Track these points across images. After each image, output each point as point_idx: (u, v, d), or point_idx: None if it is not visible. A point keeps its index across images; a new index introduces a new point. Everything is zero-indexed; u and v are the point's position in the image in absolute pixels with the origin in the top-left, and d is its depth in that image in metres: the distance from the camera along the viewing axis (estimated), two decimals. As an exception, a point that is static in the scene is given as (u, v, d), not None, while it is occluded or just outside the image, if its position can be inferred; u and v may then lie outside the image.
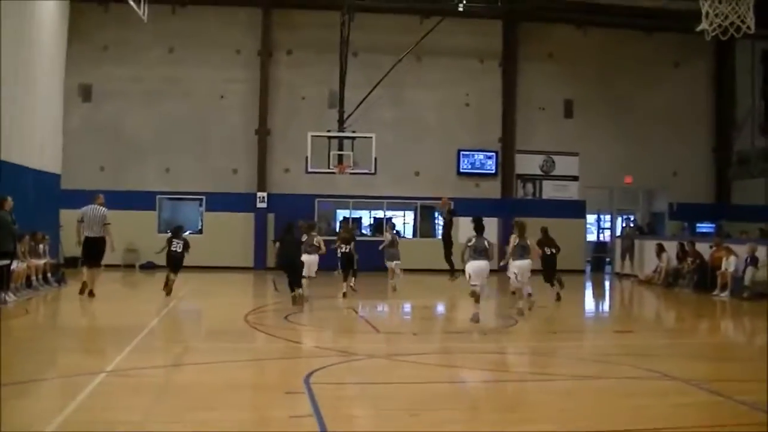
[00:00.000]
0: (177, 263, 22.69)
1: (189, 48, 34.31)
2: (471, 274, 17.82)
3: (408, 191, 35.32)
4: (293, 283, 20.66)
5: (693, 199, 36.89)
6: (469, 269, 17.85)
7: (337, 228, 34.52)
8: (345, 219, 35.62)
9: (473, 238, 18.02)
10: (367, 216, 37.05)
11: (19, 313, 18.13)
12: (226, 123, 34.40)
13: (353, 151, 28.84)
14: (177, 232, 23.56)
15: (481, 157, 35.87)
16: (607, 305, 27.06)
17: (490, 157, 35.88)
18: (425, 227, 36.40)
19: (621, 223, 38.71)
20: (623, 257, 33.57)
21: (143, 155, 33.94)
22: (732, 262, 25.25)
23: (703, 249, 27.60)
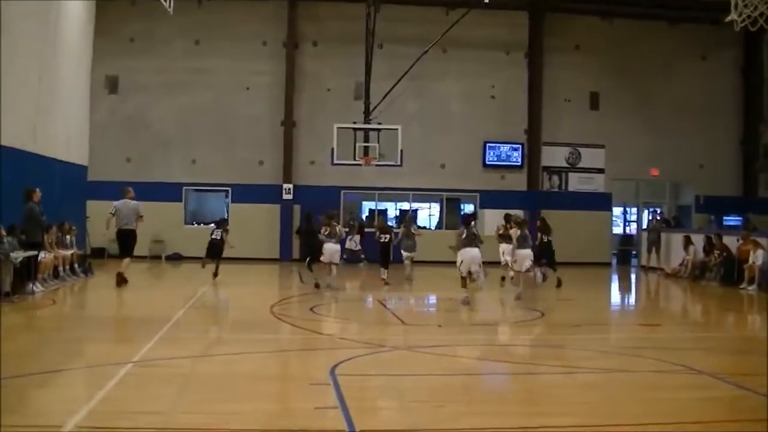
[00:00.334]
0: (216, 250, 24.65)
1: (214, 40, 34.37)
2: (464, 260, 19.42)
3: (434, 183, 35.32)
4: (312, 267, 23.08)
5: (720, 192, 36.67)
6: (463, 256, 19.47)
7: (363, 219, 34.85)
8: (372, 211, 35.58)
9: (466, 228, 19.81)
10: (393, 208, 36.98)
11: (47, 304, 18.24)
12: (251, 114, 34.47)
13: (379, 143, 28.78)
14: (220, 223, 25.97)
15: (507, 149, 35.79)
16: (633, 298, 26.91)
17: (516, 149, 35.80)
18: (451, 219, 36.34)
19: (647, 216, 38.48)
20: (649, 250, 33.28)
21: (169, 147, 34.09)
22: (759, 255, 25.02)
23: (730, 242, 27.38)
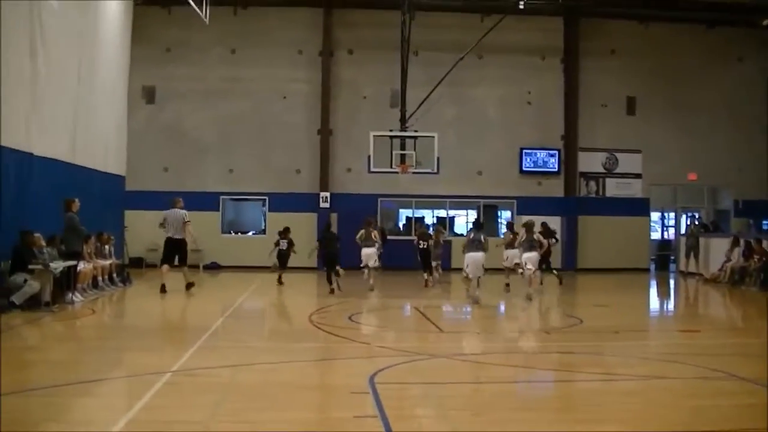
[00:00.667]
0: (284, 260, 27.09)
1: (251, 48, 34.53)
2: (469, 263, 21.21)
3: (470, 190, 35.24)
4: (331, 276, 23.84)
5: (759, 196, 36.22)
6: (468, 259, 21.24)
7: (401, 227, 34.92)
8: (409, 218, 35.54)
9: (472, 233, 21.91)
10: (430, 215, 36.89)
11: (86, 313, 18.35)
12: (288, 123, 34.55)
13: (415, 151, 28.76)
14: (284, 233, 27.57)
15: (544, 155, 35.66)
16: (672, 304, 26.71)
17: (552, 155, 35.66)
18: (488, 226, 36.20)
19: (685, 221, 38.20)
20: (688, 255, 32.95)
21: (206, 156, 34.24)
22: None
23: (771, 246, 27.20)
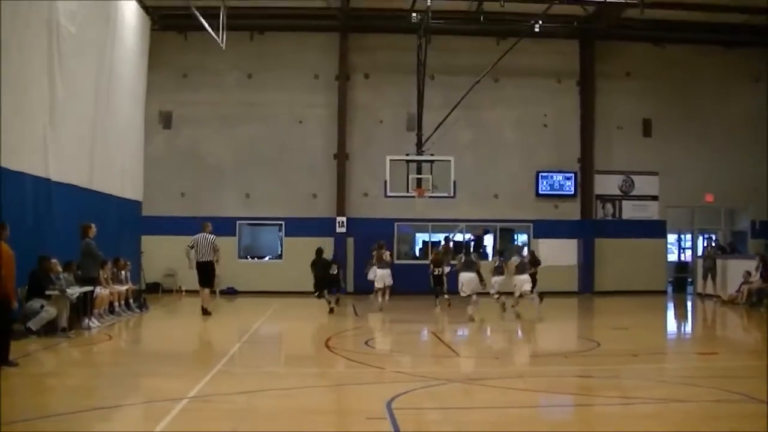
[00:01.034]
0: (335, 284, 26.56)
1: (267, 73, 34.57)
2: (463, 282, 23.37)
3: (487, 214, 35.11)
4: (322, 295, 25.21)
5: (776, 218, 36.09)
6: (462, 278, 23.47)
7: (417, 252, 34.80)
8: (425, 243, 35.40)
9: (464, 255, 24.97)
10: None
11: (103, 339, 18.35)
12: (305, 147, 34.54)
13: (432, 174, 28.73)
14: (336, 259, 27.29)
15: (560, 178, 35.52)
16: (689, 326, 26.56)
17: (569, 178, 35.52)
18: (505, 249, 36.14)
19: (702, 243, 38.02)
20: (705, 277, 32.79)
21: (223, 181, 34.23)
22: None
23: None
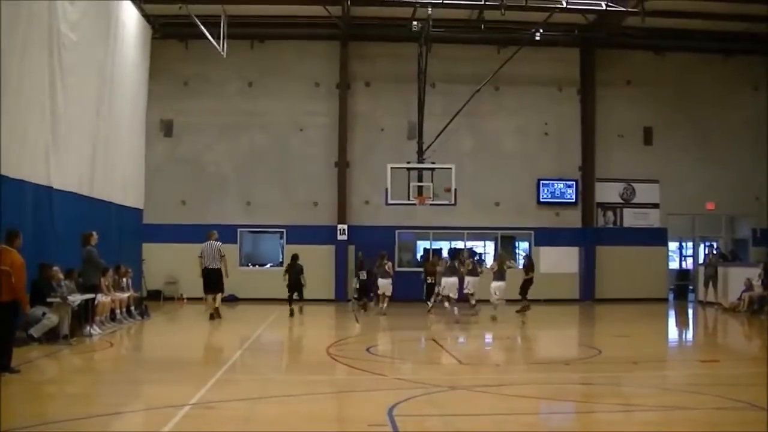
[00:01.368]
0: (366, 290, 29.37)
1: (268, 82, 34.61)
2: (445, 286, 26.32)
3: (488, 221, 35.10)
4: (293, 301, 26.61)
5: (777, 225, 36.09)
6: (444, 283, 26.43)
7: (418, 259, 34.76)
8: (426, 251, 35.34)
9: (447, 261, 27.71)
10: (447, 247, 36.68)
11: (104, 346, 18.34)
12: (305, 155, 34.55)
13: (433, 182, 28.76)
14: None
15: (561, 186, 35.52)
16: (691, 334, 26.55)
17: (570, 186, 35.52)
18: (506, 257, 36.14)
19: (703, 250, 37.98)
20: (706, 285, 32.74)
21: (224, 189, 34.25)
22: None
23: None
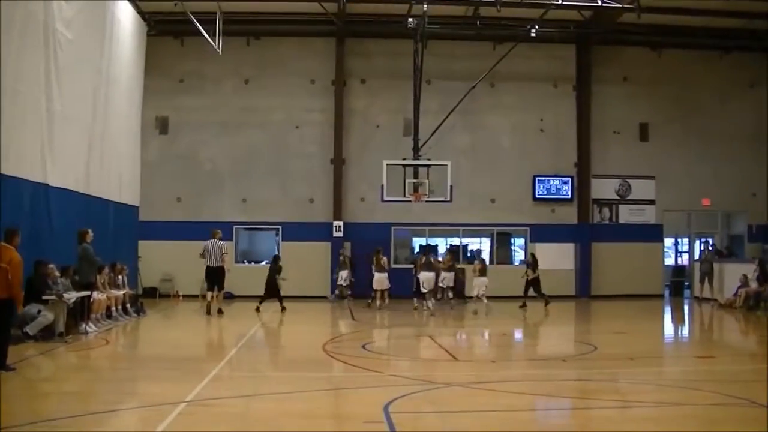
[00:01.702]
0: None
1: (264, 78, 34.61)
2: (423, 281, 27.06)
3: (484, 218, 35.12)
4: (263, 300, 27.15)
5: (773, 221, 36.12)
6: (421, 278, 27.12)
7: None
8: (422, 247, 35.30)
9: (424, 257, 28.16)
10: (444, 243, 36.70)
11: (100, 344, 18.34)
12: (301, 152, 34.54)
13: (429, 179, 28.79)
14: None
15: (557, 183, 35.53)
16: (687, 330, 26.57)
17: (565, 182, 35.53)
18: (502, 254, 36.17)
19: (699, 247, 37.99)
20: (702, 281, 32.75)
21: (219, 186, 34.24)
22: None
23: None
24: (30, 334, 17.28)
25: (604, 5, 29.98)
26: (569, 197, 35.59)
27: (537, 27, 30.72)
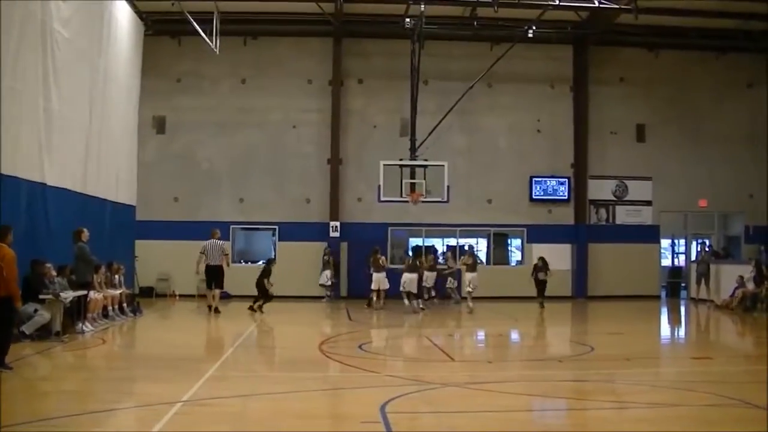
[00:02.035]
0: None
1: (261, 78, 34.60)
2: (405, 282, 27.56)
3: (481, 218, 35.12)
4: (257, 300, 26.90)
5: (770, 222, 36.11)
6: (403, 279, 27.64)
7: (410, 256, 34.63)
8: (418, 248, 35.27)
9: (409, 258, 29.28)
10: (440, 244, 36.72)
11: (96, 343, 18.32)
12: (298, 152, 34.53)
13: (425, 179, 28.77)
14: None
15: (554, 183, 35.54)
16: (684, 331, 26.59)
17: (562, 183, 35.55)
18: (498, 254, 36.18)
19: (696, 248, 37.99)
20: (699, 282, 32.75)
21: (217, 186, 34.23)
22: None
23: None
24: (27, 333, 17.27)
25: (601, 6, 29.97)
26: (566, 198, 35.60)
27: (534, 28, 30.72)
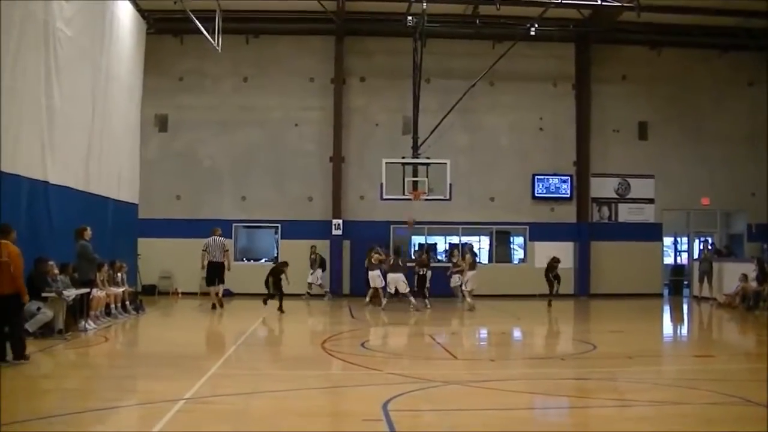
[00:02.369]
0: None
1: (263, 77, 34.59)
2: (390, 281, 27.46)
3: (483, 216, 35.09)
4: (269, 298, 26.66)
5: (773, 220, 36.07)
6: (389, 279, 27.50)
7: (413, 255, 34.55)
8: (422, 245, 35.27)
9: (394, 258, 28.25)
10: (443, 242, 36.75)
11: (99, 341, 18.34)
12: (300, 151, 34.52)
13: (428, 177, 28.82)
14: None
15: (556, 181, 35.51)
16: (686, 329, 26.56)
17: (564, 181, 35.51)
18: (501, 252, 36.16)
19: (698, 246, 37.97)
20: (701, 280, 32.75)
21: (219, 184, 34.23)
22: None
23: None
24: (29, 331, 17.24)
25: (603, 4, 29.94)
26: (568, 196, 35.56)
27: (536, 25, 30.66)
